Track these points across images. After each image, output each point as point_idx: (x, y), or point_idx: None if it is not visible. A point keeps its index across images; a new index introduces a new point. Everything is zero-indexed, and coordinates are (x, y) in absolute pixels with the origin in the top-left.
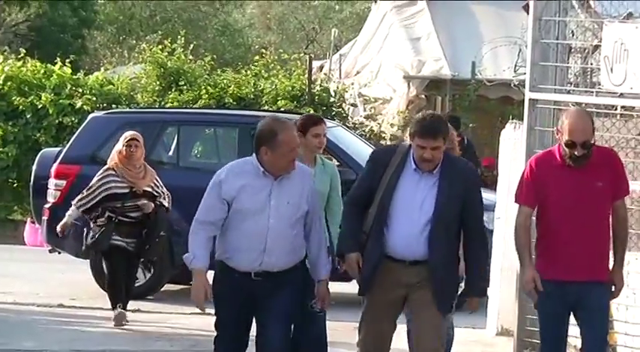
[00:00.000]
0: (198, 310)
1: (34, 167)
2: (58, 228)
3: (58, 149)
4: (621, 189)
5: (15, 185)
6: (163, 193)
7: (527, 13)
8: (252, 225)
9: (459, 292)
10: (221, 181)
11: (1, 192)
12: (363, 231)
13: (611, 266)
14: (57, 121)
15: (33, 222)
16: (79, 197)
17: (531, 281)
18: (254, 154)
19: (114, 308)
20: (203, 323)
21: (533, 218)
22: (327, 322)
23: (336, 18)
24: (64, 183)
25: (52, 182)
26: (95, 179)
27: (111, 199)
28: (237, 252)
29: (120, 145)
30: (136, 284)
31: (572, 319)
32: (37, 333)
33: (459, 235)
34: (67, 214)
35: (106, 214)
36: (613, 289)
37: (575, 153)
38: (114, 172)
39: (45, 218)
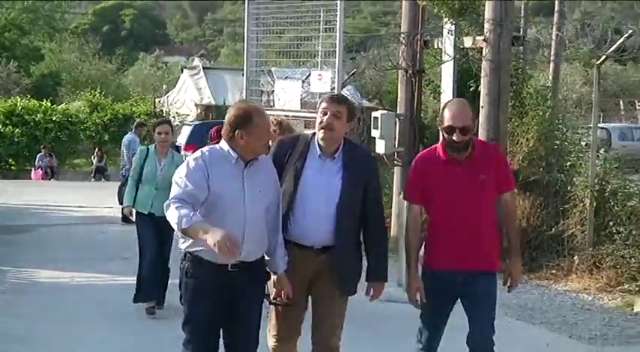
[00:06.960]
0: None
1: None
2: None
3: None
4: (505, 183)
5: (27, 154)
6: None
7: (244, 76)
8: (230, 213)
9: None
10: (205, 162)
11: (18, 156)
12: None
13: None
14: (44, 127)
15: (35, 170)
16: None
17: (416, 293)
18: (222, 142)
19: None
20: None
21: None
22: None
23: (166, 80)
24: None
25: (183, 153)
26: None
27: None
28: None
29: None
30: None
31: None
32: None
33: (361, 221)
34: None
35: None
36: (509, 280)
37: (454, 138)
38: None
39: None
